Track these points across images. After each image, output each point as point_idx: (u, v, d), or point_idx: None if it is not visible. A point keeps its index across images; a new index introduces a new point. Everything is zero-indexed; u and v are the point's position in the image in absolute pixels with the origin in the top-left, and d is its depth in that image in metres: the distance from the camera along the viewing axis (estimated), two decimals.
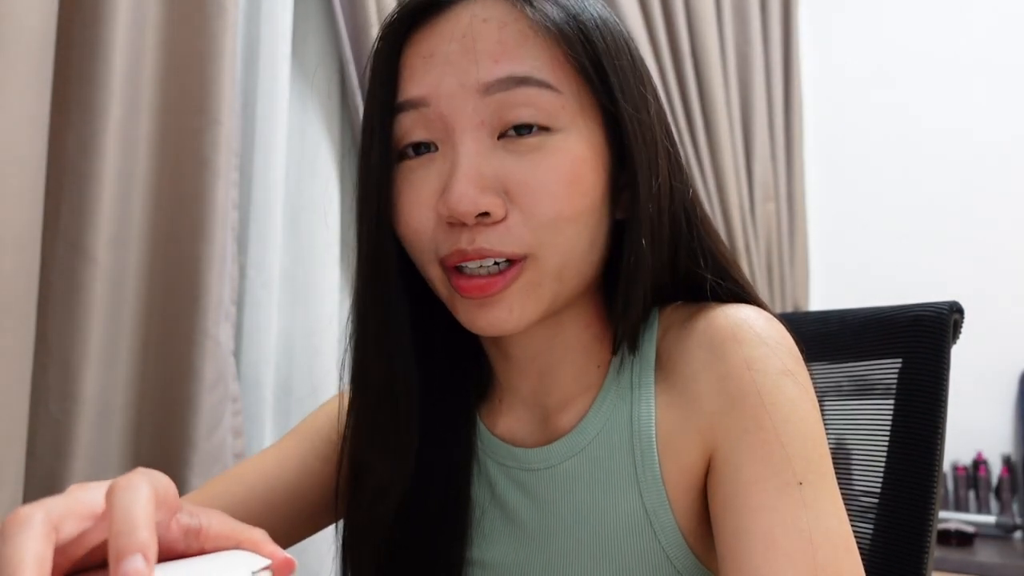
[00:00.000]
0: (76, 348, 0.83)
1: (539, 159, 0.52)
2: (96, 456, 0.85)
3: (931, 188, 2.29)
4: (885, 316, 0.73)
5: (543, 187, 0.51)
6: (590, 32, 0.53)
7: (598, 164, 0.54)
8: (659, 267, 0.57)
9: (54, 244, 0.83)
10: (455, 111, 0.52)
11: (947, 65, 2.32)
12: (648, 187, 0.54)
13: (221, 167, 0.96)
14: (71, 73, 0.85)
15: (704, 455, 0.54)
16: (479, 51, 0.52)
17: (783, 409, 0.51)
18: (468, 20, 0.53)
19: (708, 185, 2.00)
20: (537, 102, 0.51)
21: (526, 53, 0.52)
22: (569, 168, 0.52)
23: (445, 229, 0.52)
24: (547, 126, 0.52)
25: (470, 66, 0.52)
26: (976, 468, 2.11)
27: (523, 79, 0.51)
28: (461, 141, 0.52)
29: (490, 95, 0.51)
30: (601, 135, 0.54)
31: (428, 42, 0.54)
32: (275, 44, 1.13)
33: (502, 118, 0.52)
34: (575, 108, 0.53)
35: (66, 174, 0.84)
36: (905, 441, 0.68)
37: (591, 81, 0.53)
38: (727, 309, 0.56)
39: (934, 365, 0.68)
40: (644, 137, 0.54)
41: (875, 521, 0.69)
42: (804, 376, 0.54)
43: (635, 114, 0.54)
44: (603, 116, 0.54)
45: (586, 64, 0.52)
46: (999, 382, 2.15)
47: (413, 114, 0.53)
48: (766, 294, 2.13)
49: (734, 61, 2.13)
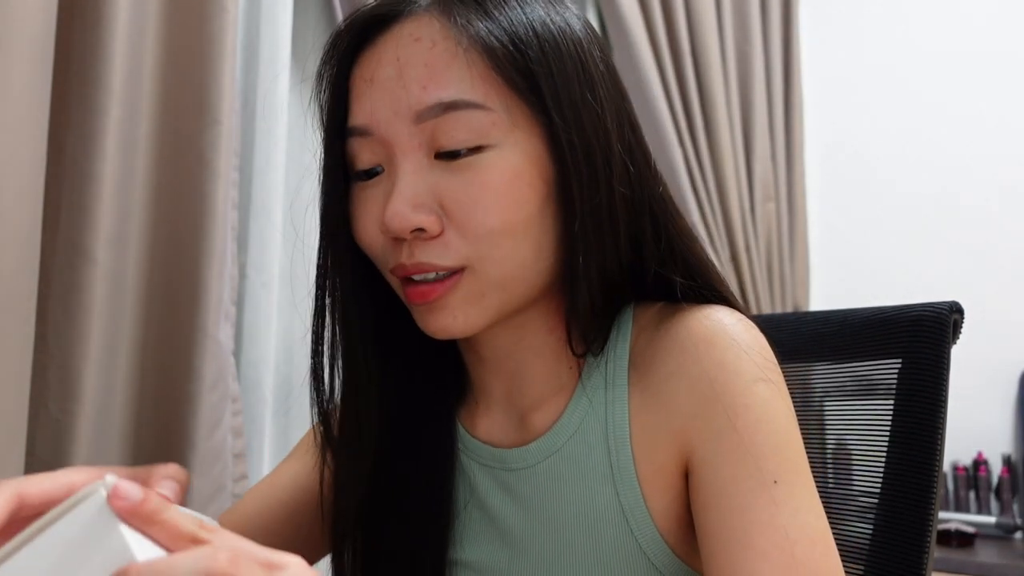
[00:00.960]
0: (76, 348, 0.83)
1: (472, 176, 0.53)
2: (96, 456, 0.85)
3: (931, 188, 2.29)
4: (885, 316, 0.73)
5: (476, 202, 0.53)
6: (522, 42, 0.54)
7: (536, 175, 0.54)
8: (612, 269, 0.58)
9: (54, 244, 0.83)
10: (393, 136, 0.54)
11: (947, 64, 2.32)
12: (590, 192, 0.55)
13: (221, 167, 0.96)
14: (71, 73, 0.85)
15: (679, 456, 0.55)
16: (408, 77, 0.53)
17: (756, 411, 0.53)
18: (403, 40, 0.55)
19: (708, 185, 2.00)
20: (467, 124, 0.53)
21: (453, 75, 0.53)
22: (501, 182, 0.53)
23: (391, 244, 0.56)
24: (478, 145, 0.53)
25: (402, 93, 0.54)
26: (976, 468, 2.11)
27: (451, 104, 0.53)
28: (400, 164, 0.54)
29: (423, 121, 0.53)
30: (541, 145, 0.55)
31: (369, 65, 0.56)
32: (275, 44, 1.13)
33: (436, 141, 0.54)
34: (507, 122, 0.54)
35: (66, 174, 0.84)
36: (905, 441, 0.68)
37: (522, 93, 0.54)
38: (702, 311, 0.57)
39: (934, 365, 0.68)
40: (585, 144, 0.55)
41: (875, 521, 0.69)
42: (778, 377, 0.55)
43: (573, 122, 0.54)
44: (541, 126, 0.55)
45: (515, 77, 0.53)
46: (999, 382, 2.15)
47: (360, 140, 0.57)
48: (766, 294, 2.13)
49: (734, 60, 2.13)
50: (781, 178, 2.23)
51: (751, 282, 2.05)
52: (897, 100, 2.37)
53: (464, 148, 0.53)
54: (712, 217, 2.01)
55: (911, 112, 2.35)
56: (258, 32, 1.13)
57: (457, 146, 0.53)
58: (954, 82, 2.31)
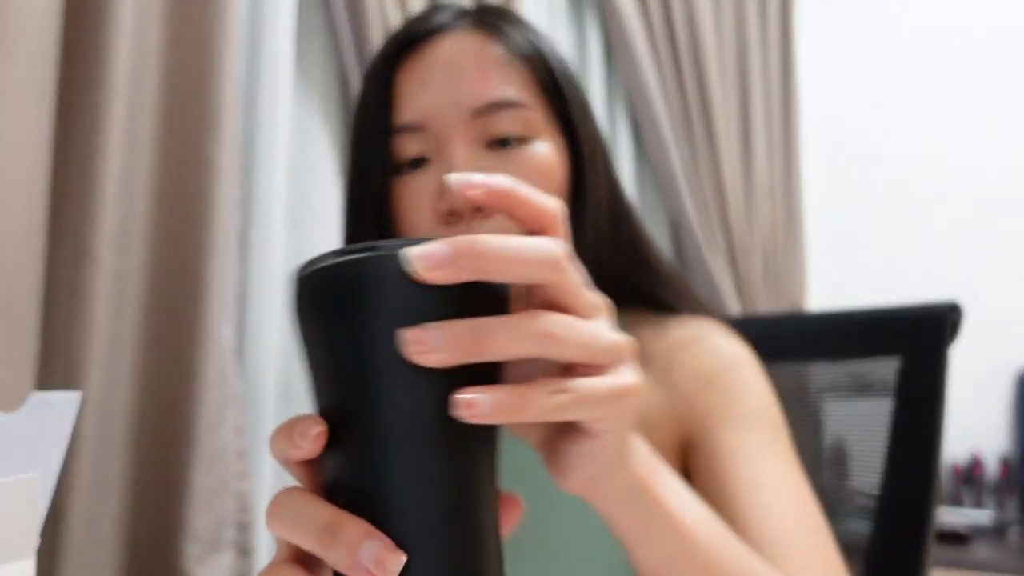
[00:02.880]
0: (79, 347, 0.83)
1: (521, 162, 0.61)
2: (97, 455, 0.86)
3: (930, 188, 2.30)
4: (884, 316, 0.74)
5: (528, 183, 0.57)
6: (548, 60, 0.65)
7: (564, 168, 0.64)
8: (605, 257, 0.66)
9: (57, 244, 0.83)
10: (449, 132, 0.61)
11: (947, 64, 2.33)
12: (596, 187, 0.65)
13: (223, 167, 0.96)
14: (74, 74, 0.85)
15: (679, 435, 0.64)
16: (464, 78, 0.62)
17: (749, 386, 0.64)
18: (452, 49, 0.63)
19: (706, 185, 2.01)
20: (517, 118, 0.62)
21: (504, 78, 0.62)
22: (545, 167, 0.62)
23: (444, 225, 0.60)
24: (526, 136, 0.62)
25: (458, 92, 0.61)
26: (973, 467, 2.12)
27: (505, 102, 0.62)
28: (454, 152, 0.60)
29: (478, 118, 0.61)
30: (564, 145, 0.65)
31: (417, 71, 0.64)
32: (277, 44, 1.13)
33: (488, 131, 0.62)
34: (544, 121, 0.64)
35: (69, 174, 0.84)
36: (904, 440, 0.69)
37: (552, 100, 0.65)
38: (694, 320, 0.68)
39: (933, 365, 0.68)
40: (591, 148, 0.66)
41: (874, 519, 0.69)
42: (757, 363, 0.67)
43: (585, 129, 0.66)
44: (561, 131, 0.65)
45: (548, 85, 0.64)
46: (996, 382, 2.16)
47: (408, 136, 0.62)
48: (764, 294, 2.13)
49: (732, 60, 2.14)
50: (779, 178, 2.24)
51: (749, 282, 2.06)
52: (896, 100, 2.38)
53: (514, 138, 0.62)
54: (710, 217, 2.01)
55: (910, 112, 2.36)
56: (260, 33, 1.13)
57: (509, 135, 0.61)
58: (954, 82, 2.32)
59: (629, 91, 1.93)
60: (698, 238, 1.96)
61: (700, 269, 1.97)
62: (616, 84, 1.95)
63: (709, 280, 1.97)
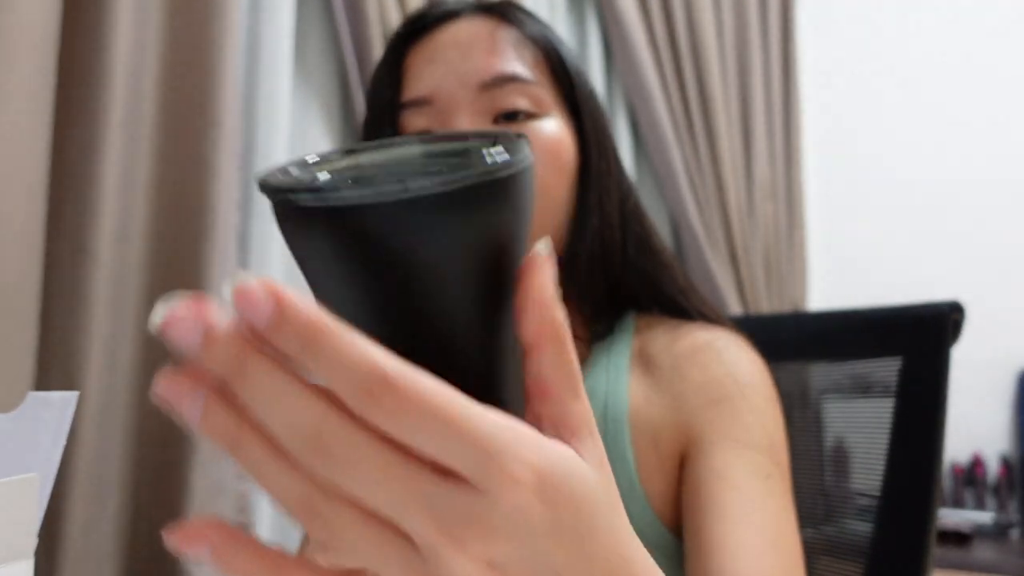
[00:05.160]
0: (78, 347, 0.83)
1: (530, 135, 0.60)
2: (97, 456, 0.85)
3: (931, 188, 2.30)
4: (885, 316, 0.74)
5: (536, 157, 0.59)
6: (556, 44, 0.67)
7: (572, 147, 0.64)
8: (610, 248, 0.65)
9: (57, 243, 0.83)
10: (456, 104, 0.62)
11: (947, 64, 2.33)
12: (603, 172, 0.65)
13: (223, 167, 0.96)
14: (74, 73, 0.85)
15: (680, 444, 0.61)
16: (473, 54, 0.63)
17: (755, 414, 0.60)
18: (464, 29, 0.65)
19: (707, 185, 2.00)
20: (526, 93, 0.63)
21: (514, 55, 0.63)
22: (553, 142, 0.62)
23: None
24: (534, 112, 0.63)
25: (467, 67, 0.62)
26: (974, 467, 2.11)
27: (513, 76, 0.62)
28: (458, 124, 0.61)
29: (487, 91, 0.62)
30: (572, 125, 0.65)
31: (428, 49, 0.65)
32: (276, 45, 1.13)
33: (497, 104, 0.62)
34: (552, 102, 0.64)
35: (69, 174, 0.84)
36: (906, 440, 0.69)
37: (560, 83, 0.65)
38: (709, 328, 0.65)
39: (934, 364, 0.68)
40: (598, 133, 0.66)
41: (875, 520, 0.69)
42: (772, 391, 0.63)
43: (592, 114, 0.66)
44: (569, 113, 0.65)
45: (556, 67, 0.65)
46: (997, 381, 2.16)
47: (416, 111, 0.63)
48: (765, 294, 2.13)
49: (733, 60, 2.14)
50: (780, 178, 2.24)
51: (750, 281, 2.06)
52: (896, 100, 2.37)
53: (523, 111, 0.62)
54: (711, 217, 2.01)
55: (910, 112, 2.35)
56: (259, 33, 1.13)
57: (519, 108, 0.62)
58: (954, 82, 2.32)
59: (629, 91, 1.92)
60: (699, 238, 1.96)
61: (701, 269, 1.97)
62: (616, 84, 1.95)
63: (710, 280, 1.97)
